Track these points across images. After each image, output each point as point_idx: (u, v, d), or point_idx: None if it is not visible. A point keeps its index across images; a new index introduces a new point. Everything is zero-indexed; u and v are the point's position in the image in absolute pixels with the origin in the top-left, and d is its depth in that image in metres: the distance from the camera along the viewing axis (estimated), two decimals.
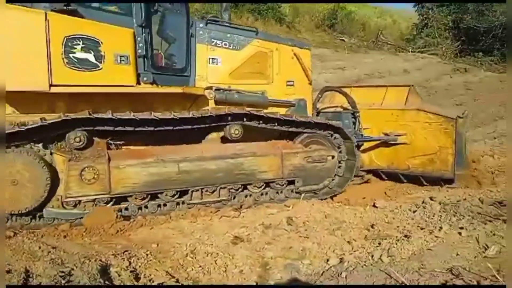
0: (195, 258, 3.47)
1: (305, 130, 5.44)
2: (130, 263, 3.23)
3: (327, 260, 3.39)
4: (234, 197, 4.99)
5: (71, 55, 4.14)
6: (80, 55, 4.21)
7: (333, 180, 5.60)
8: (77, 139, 4.25)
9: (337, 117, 6.15)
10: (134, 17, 4.56)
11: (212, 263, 3.39)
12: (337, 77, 15.19)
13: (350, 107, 6.34)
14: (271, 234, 3.93)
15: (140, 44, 4.57)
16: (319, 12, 21.46)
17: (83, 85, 4.28)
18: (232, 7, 16.80)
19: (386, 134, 6.39)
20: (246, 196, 5.09)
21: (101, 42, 4.29)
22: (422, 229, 3.91)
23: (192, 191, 4.75)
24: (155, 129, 4.56)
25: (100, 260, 3.15)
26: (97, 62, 4.29)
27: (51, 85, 4.07)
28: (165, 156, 4.57)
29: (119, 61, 4.41)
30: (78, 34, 4.19)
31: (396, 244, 3.46)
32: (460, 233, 3.63)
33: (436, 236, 3.58)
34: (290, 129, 5.33)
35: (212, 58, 5.25)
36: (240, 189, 5.00)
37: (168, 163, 4.53)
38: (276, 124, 5.21)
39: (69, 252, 3.28)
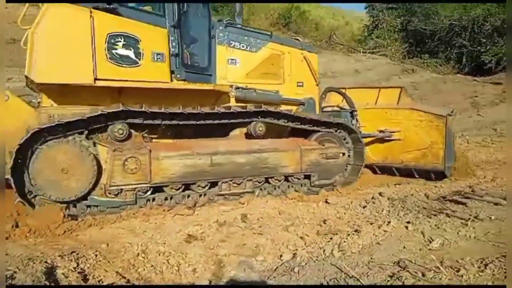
0: (147, 257, 3.39)
1: (320, 129, 5.85)
2: (78, 264, 3.11)
3: (281, 256, 3.43)
4: (260, 189, 5.31)
5: (113, 51, 4.44)
6: (122, 51, 4.50)
7: (343, 174, 6.05)
8: (120, 131, 4.49)
9: (337, 116, 6.42)
10: (167, 17, 4.87)
11: (165, 262, 3.33)
12: None
13: (348, 106, 6.69)
14: (225, 232, 3.91)
15: (173, 43, 4.87)
16: (274, 10, 21.61)
17: (124, 80, 4.57)
18: None
19: (381, 131, 6.80)
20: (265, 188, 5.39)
21: (140, 40, 4.60)
22: (371, 224, 4.04)
23: (222, 183, 5.03)
24: (196, 123, 4.94)
25: (46, 262, 3.00)
26: (136, 59, 4.60)
27: (95, 79, 4.34)
28: (199, 149, 4.86)
29: (155, 59, 4.73)
30: (120, 32, 4.49)
31: (347, 238, 3.55)
32: (406, 227, 3.79)
33: (384, 230, 3.72)
34: (311, 128, 5.78)
35: (231, 59, 5.61)
36: (263, 182, 5.32)
37: (202, 156, 4.82)
38: (299, 123, 5.68)
39: (11, 254, 3.11)
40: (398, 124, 6.72)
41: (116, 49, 4.45)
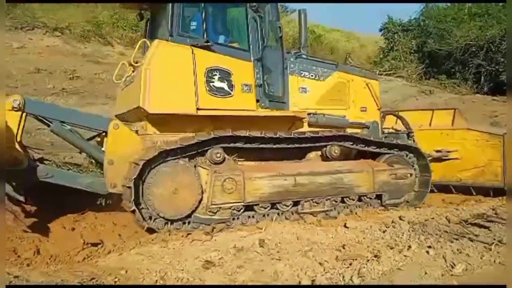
0: (166, 284, 3.39)
1: (390, 151, 6.28)
2: None
3: (299, 282, 3.38)
4: (335, 208, 5.68)
5: (211, 83, 5.03)
6: (218, 84, 5.09)
7: (410, 194, 6.34)
8: (218, 155, 5.02)
9: (396, 137, 6.71)
10: (251, 52, 5.45)
11: None
12: None
13: (403, 128, 7.08)
14: (243, 257, 3.89)
15: (258, 75, 5.46)
16: (289, 35, 21.90)
17: (220, 109, 5.14)
18: None
19: (438, 151, 7.17)
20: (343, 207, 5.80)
21: (232, 73, 5.19)
22: (391, 248, 3.97)
23: (304, 202, 5.44)
24: (287, 146, 5.49)
25: None
26: (229, 90, 5.18)
27: (197, 109, 4.94)
28: (284, 170, 5.33)
29: (244, 90, 5.30)
30: (216, 66, 5.09)
31: (367, 264, 3.49)
32: (428, 252, 3.72)
33: (405, 255, 3.65)
34: (380, 151, 6.22)
35: (302, 87, 6.05)
36: (339, 201, 5.72)
37: (287, 177, 5.27)
38: (372, 146, 6.15)
39: (33, 281, 3.15)
40: (455, 144, 7.12)
41: (213, 81, 5.04)
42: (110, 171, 4.89)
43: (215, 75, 5.07)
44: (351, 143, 5.98)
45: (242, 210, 5.11)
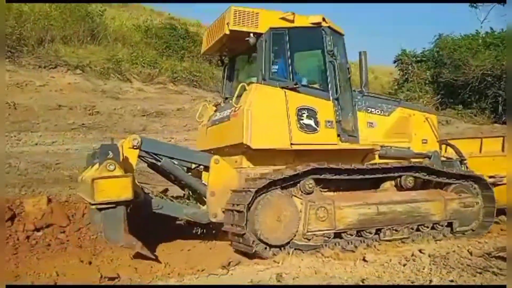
0: None
1: (458, 181, 6.57)
2: None
3: None
4: (413, 238, 5.97)
5: (301, 121, 5.57)
6: (306, 121, 5.62)
7: (477, 222, 6.50)
8: (310, 185, 5.41)
9: (450, 165, 7.02)
10: (330, 91, 5.93)
11: None
12: None
13: (458, 156, 7.35)
14: None
15: (337, 112, 5.92)
16: None
17: (310, 144, 5.67)
18: (218, 65, 17.34)
19: (491, 177, 7.15)
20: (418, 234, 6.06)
21: (317, 111, 5.73)
22: (412, 283, 3.87)
23: (386, 229, 5.77)
24: (370, 177, 5.90)
25: None
26: (316, 126, 5.70)
27: (291, 144, 5.48)
28: (368, 200, 5.71)
29: (327, 126, 5.78)
30: (304, 106, 5.65)
31: None
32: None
33: None
34: (450, 181, 6.51)
35: (369, 122, 6.53)
36: (415, 229, 6.01)
37: (371, 206, 5.63)
38: (443, 176, 6.45)
39: None
40: (507, 170, 7.07)
41: (302, 119, 5.59)
42: (212, 202, 5.46)
43: (304, 113, 5.63)
44: (425, 173, 6.33)
45: (332, 237, 5.44)
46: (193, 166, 6.17)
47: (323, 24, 5.97)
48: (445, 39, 21.62)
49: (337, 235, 5.49)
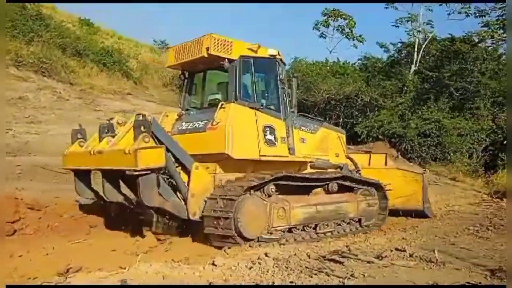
0: None
1: (363, 186, 7.99)
2: None
3: None
4: (338, 230, 7.31)
5: (266, 136, 6.64)
6: (269, 137, 6.70)
7: (377, 217, 8.08)
8: (272, 189, 6.31)
9: (345, 168, 8.33)
10: (282, 113, 7.04)
11: None
12: None
13: (355, 167, 8.83)
14: None
15: (288, 130, 7.04)
16: (168, 72, 21.90)
17: (272, 155, 6.73)
18: (75, 55, 15.93)
19: None
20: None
21: (275, 129, 6.84)
22: (256, 285, 4.02)
23: (322, 224, 7.03)
24: (308, 184, 7.04)
25: None
26: (275, 142, 6.79)
27: (260, 155, 6.54)
28: (309, 201, 6.92)
29: (282, 141, 6.92)
30: (267, 124, 6.72)
31: None
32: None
33: None
34: (357, 186, 7.90)
35: (302, 138, 7.53)
36: (337, 224, 7.34)
37: (313, 206, 6.87)
38: (357, 183, 7.91)
39: None
40: (389, 179, 8.78)
41: (267, 135, 6.64)
42: (192, 202, 5.93)
43: (267, 130, 6.67)
44: (345, 181, 7.67)
45: (286, 231, 6.48)
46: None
47: (277, 56, 7.12)
48: (299, 62, 23.58)
49: (289, 230, 6.54)
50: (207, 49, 6.37)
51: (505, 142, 18.28)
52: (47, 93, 13.14)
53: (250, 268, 4.69)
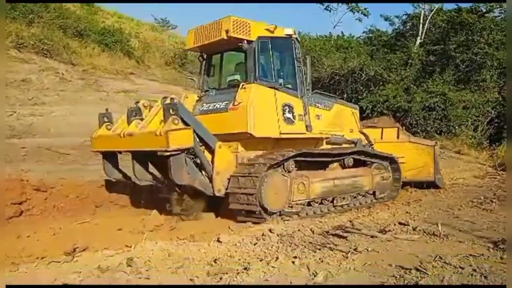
0: None
1: (377, 160, 8.35)
2: None
3: None
4: (354, 203, 7.64)
5: (284, 115, 6.89)
6: (288, 115, 6.96)
7: (390, 190, 8.43)
8: (293, 165, 6.64)
9: (359, 143, 8.58)
10: (298, 91, 7.25)
11: None
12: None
13: (367, 142, 9.05)
14: (108, 278, 3.62)
15: (304, 108, 7.27)
16: (169, 50, 21.66)
17: (291, 133, 7.01)
18: (77, 36, 15.79)
19: None
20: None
21: (294, 107, 7.08)
22: (261, 260, 4.08)
23: (339, 198, 7.36)
24: (326, 159, 7.46)
25: None
26: (293, 119, 7.05)
27: (280, 133, 6.84)
28: (327, 176, 7.27)
29: (299, 119, 7.17)
30: (286, 102, 6.97)
31: (236, 277, 3.52)
32: (293, 262, 3.90)
33: (272, 267, 3.78)
34: (371, 160, 8.26)
35: (317, 115, 7.72)
36: (353, 197, 7.67)
37: (330, 180, 7.19)
38: (371, 157, 8.26)
39: None
40: (401, 152, 9.09)
41: (285, 113, 6.90)
42: (217, 179, 6.23)
43: (286, 108, 6.92)
44: (363, 156, 8.08)
45: (306, 205, 6.80)
46: None
47: (293, 35, 7.32)
48: (303, 38, 23.25)
49: (308, 203, 6.87)
50: (227, 31, 6.52)
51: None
52: (50, 74, 13.07)
53: (254, 244, 4.75)
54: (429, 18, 21.01)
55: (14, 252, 4.39)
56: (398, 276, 3.56)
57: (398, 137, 9.94)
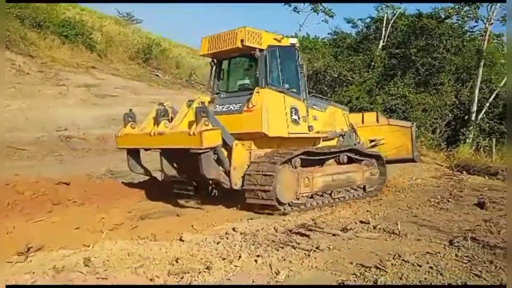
0: None
1: (367, 158, 8.84)
2: None
3: None
4: (348, 196, 8.26)
5: (292, 116, 7.56)
6: (294, 117, 7.63)
7: (377, 183, 8.99)
8: (299, 162, 7.20)
9: (347, 135, 9.42)
10: (301, 95, 7.89)
11: None
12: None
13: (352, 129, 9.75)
14: (64, 279, 3.47)
15: (307, 110, 7.96)
16: (133, 44, 21.22)
17: (296, 133, 7.68)
18: (35, 27, 15.16)
19: (372, 140, 10.08)
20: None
21: (298, 109, 7.75)
22: (223, 259, 4.05)
23: (335, 191, 7.91)
24: (326, 157, 8.03)
25: None
26: (298, 121, 7.73)
27: (289, 133, 7.50)
28: (326, 172, 7.87)
29: (303, 120, 7.82)
30: (292, 105, 7.64)
31: (198, 276, 3.47)
32: (256, 261, 3.89)
33: (235, 265, 3.75)
34: (361, 158, 8.72)
35: (314, 116, 8.30)
36: (346, 191, 8.23)
37: (329, 175, 7.80)
38: (359, 155, 8.70)
39: None
40: (382, 134, 10.08)
41: (292, 115, 7.57)
42: (234, 174, 6.77)
43: (293, 111, 7.59)
44: (354, 154, 8.58)
45: (309, 197, 7.40)
46: None
47: (296, 44, 8.08)
48: None
49: (311, 196, 7.45)
50: (242, 40, 7.20)
51: (466, 117, 19.01)
52: (6, 66, 12.51)
53: (217, 243, 4.71)
54: (391, 22, 21.60)
55: None
56: (358, 274, 3.62)
57: (377, 120, 10.54)
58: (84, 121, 12.01)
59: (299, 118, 7.74)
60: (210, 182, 7.33)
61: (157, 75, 21.61)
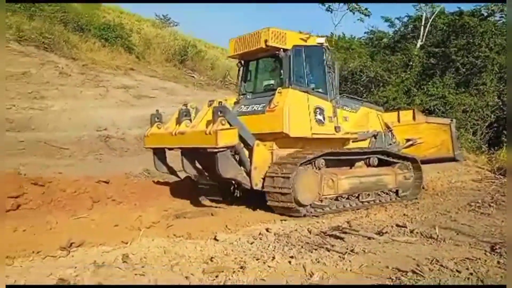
0: None
1: (401, 161, 8.60)
2: None
3: None
4: (378, 200, 8.07)
5: (316, 117, 7.39)
6: (319, 117, 7.45)
7: (413, 188, 8.74)
8: (323, 163, 7.08)
9: (380, 136, 9.10)
10: (328, 95, 7.71)
11: None
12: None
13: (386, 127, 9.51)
14: (103, 274, 3.61)
15: (334, 110, 7.74)
16: (170, 46, 21.62)
17: (321, 133, 7.50)
18: (77, 30, 15.75)
19: (408, 140, 9.78)
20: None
21: (324, 110, 7.57)
22: (257, 259, 4.07)
23: (363, 194, 7.73)
24: (359, 157, 8.02)
25: None
26: (324, 121, 7.53)
27: (312, 134, 7.32)
28: (353, 174, 7.70)
29: (329, 120, 7.64)
30: (317, 105, 7.47)
31: (232, 276, 3.51)
32: (290, 262, 3.89)
33: (269, 266, 3.77)
34: (393, 160, 8.52)
35: (344, 117, 8.16)
36: (377, 194, 8.07)
37: (356, 178, 7.62)
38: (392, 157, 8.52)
39: None
40: (419, 133, 9.71)
41: (317, 115, 7.40)
42: (255, 174, 6.74)
43: (317, 111, 7.42)
44: (386, 156, 8.40)
45: (334, 199, 7.23)
46: None
47: (324, 43, 7.85)
48: None
49: (336, 198, 7.29)
50: (266, 41, 7.15)
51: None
52: (50, 68, 13.04)
53: (251, 243, 4.74)
54: (430, 20, 21.00)
55: (9, 246, 4.36)
56: (394, 278, 3.55)
57: (414, 118, 10.10)
58: (123, 122, 12.36)
59: (324, 118, 7.54)
60: (233, 182, 7.20)
61: (193, 76, 21.90)
